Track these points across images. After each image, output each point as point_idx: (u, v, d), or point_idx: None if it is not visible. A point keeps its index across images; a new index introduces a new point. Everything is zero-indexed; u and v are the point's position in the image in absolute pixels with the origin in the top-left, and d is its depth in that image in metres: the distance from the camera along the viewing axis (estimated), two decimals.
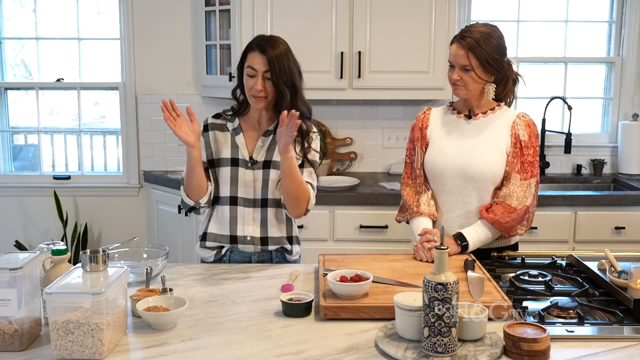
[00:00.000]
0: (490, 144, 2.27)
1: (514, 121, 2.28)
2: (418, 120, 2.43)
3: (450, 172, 2.28)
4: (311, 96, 3.77)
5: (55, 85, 4.22)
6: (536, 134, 2.30)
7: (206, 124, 2.36)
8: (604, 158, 4.09)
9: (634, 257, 2.10)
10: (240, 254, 2.33)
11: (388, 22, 3.60)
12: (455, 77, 2.24)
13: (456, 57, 2.22)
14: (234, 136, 2.32)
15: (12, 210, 4.21)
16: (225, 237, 2.32)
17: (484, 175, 2.24)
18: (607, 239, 3.46)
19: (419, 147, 2.39)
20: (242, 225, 2.30)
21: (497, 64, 2.22)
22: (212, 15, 3.92)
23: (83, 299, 1.52)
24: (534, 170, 2.27)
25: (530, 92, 4.18)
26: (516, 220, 2.24)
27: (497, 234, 2.27)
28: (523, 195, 2.23)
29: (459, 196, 2.30)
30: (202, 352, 1.58)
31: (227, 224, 2.31)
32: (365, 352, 1.57)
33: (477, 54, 2.18)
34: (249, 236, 2.30)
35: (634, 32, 4.02)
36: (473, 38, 2.18)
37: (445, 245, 1.55)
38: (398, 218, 2.50)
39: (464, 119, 2.33)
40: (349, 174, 3.97)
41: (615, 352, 1.58)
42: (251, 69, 2.20)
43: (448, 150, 2.30)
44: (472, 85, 2.23)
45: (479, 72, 2.20)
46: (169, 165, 4.16)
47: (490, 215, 2.23)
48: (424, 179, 2.39)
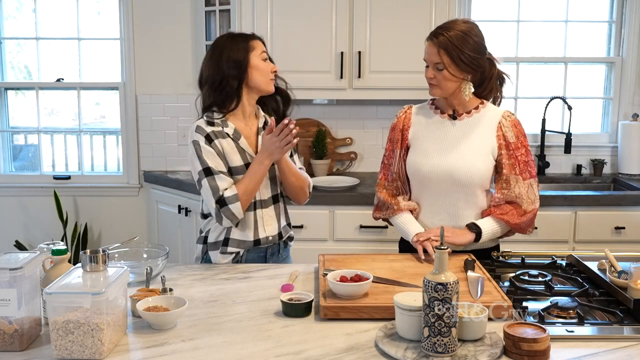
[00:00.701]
0: (477, 146, 2.24)
1: (499, 122, 2.25)
2: (399, 121, 2.36)
3: (436, 176, 2.24)
4: (311, 96, 3.83)
5: (55, 85, 4.22)
6: (524, 133, 2.27)
7: (206, 133, 2.23)
8: (604, 158, 4.09)
9: (634, 257, 2.10)
10: (257, 252, 2.34)
11: (388, 22, 3.60)
12: (429, 76, 2.21)
13: (429, 55, 2.19)
14: (237, 141, 2.27)
15: (12, 210, 4.21)
16: (249, 242, 2.30)
17: (472, 179, 2.22)
18: (607, 239, 3.46)
19: (398, 150, 2.33)
20: (263, 227, 2.31)
21: (473, 62, 2.17)
22: (212, 15, 3.92)
23: (83, 299, 1.52)
24: (532, 171, 2.25)
25: (530, 92, 4.19)
26: (526, 222, 2.25)
27: (507, 230, 2.27)
28: (534, 197, 2.23)
29: (444, 199, 2.26)
30: (202, 352, 1.58)
31: (251, 228, 2.29)
32: (365, 352, 1.57)
33: (450, 52, 2.14)
34: (270, 236, 2.33)
35: (634, 32, 4.02)
36: (446, 36, 2.15)
37: (445, 245, 1.55)
38: (376, 215, 2.44)
39: (449, 119, 2.28)
40: (349, 174, 3.97)
41: (615, 352, 1.58)
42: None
43: (433, 153, 2.25)
44: (445, 84, 2.19)
45: (452, 70, 2.16)
46: (169, 165, 4.16)
47: (499, 214, 2.22)
48: (402, 182, 2.35)
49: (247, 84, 2.27)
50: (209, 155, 2.21)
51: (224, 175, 2.20)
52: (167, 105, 4.12)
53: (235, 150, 2.25)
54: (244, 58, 2.24)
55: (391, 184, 2.37)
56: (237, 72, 2.23)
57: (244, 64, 2.24)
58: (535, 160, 4.10)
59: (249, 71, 2.25)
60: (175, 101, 4.11)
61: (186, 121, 4.09)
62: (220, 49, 2.26)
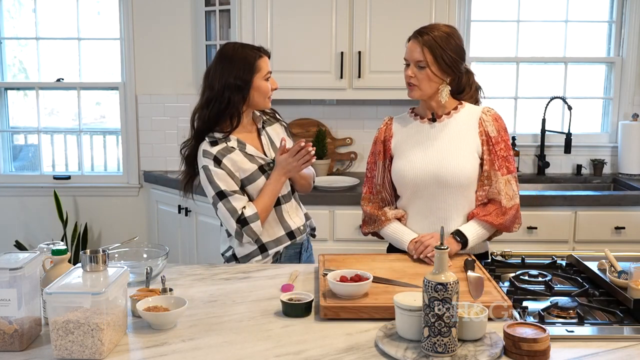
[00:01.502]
0: (460, 145, 2.21)
1: (480, 117, 2.23)
2: (380, 133, 2.35)
3: (422, 180, 2.21)
4: (311, 96, 3.83)
5: (55, 85, 4.22)
6: (504, 128, 2.25)
7: (213, 156, 2.27)
8: (604, 158, 4.09)
9: (634, 257, 2.10)
10: (293, 248, 2.41)
11: (388, 22, 3.60)
12: (409, 74, 2.18)
13: (411, 52, 2.17)
14: (244, 150, 2.32)
15: (12, 210, 4.21)
16: (284, 237, 2.37)
17: (458, 179, 2.18)
18: (607, 239, 3.46)
19: (380, 161, 2.32)
20: (291, 219, 2.39)
21: (454, 63, 2.17)
22: (212, 15, 3.92)
23: (83, 299, 1.52)
24: (510, 166, 2.22)
25: (530, 92, 4.19)
26: (510, 220, 2.22)
27: (492, 231, 2.25)
28: (512, 193, 2.21)
29: (433, 202, 2.23)
30: (202, 352, 1.58)
31: (278, 225, 2.36)
32: (365, 352, 1.57)
33: (433, 50, 2.13)
34: (300, 226, 2.41)
35: (634, 32, 4.02)
36: (431, 35, 2.15)
37: (445, 245, 1.55)
38: (364, 230, 2.42)
39: (428, 122, 2.26)
40: (349, 174, 3.97)
41: (615, 352, 1.58)
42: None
43: (416, 158, 2.23)
44: (425, 84, 2.17)
45: (434, 69, 2.15)
46: (169, 165, 4.16)
47: (482, 217, 2.20)
48: (388, 193, 2.33)
49: (247, 104, 2.32)
50: (220, 177, 2.26)
51: (238, 195, 2.27)
52: (167, 105, 4.12)
53: (245, 159, 2.31)
54: (249, 81, 2.26)
55: (376, 197, 2.35)
56: (241, 95, 2.27)
57: (247, 87, 2.27)
58: (535, 160, 4.11)
59: (251, 92, 2.29)
60: (175, 101, 4.11)
61: (186, 121, 4.02)
62: (229, 63, 2.27)
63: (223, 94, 2.26)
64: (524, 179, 3.97)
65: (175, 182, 3.87)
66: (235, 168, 2.29)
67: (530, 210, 3.41)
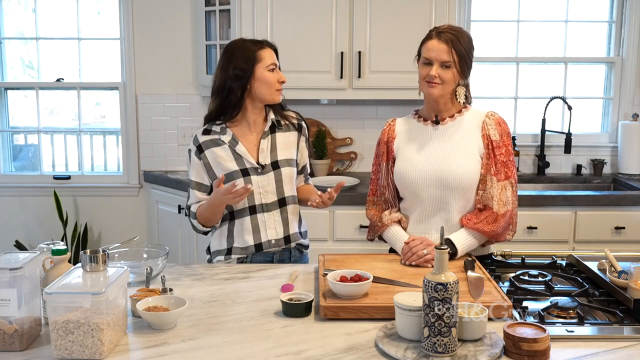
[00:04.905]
0: (462, 148, 2.20)
1: (483, 121, 2.22)
2: (383, 134, 2.34)
3: (424, 182, 2.20)
4: (311, 96, 3.83)
5: (55, 85, 4.22)
6: (507, 132, 2.23)
7: (198, 144, 2.32)
8: (604, 158, 4.09)
9: (634, 257, 2.10)
10: (263, 255, 2.37)
11: (388, 22, 3.60)
12: (434, 74, 2.15)
13: (438, 52, 2.14)
14: (233, 147, 2.31)
15: (12, 210, 4.21)
16: (251, 247, 2.34)
17: (460, 182, 2.17)
18: (607, 239, 3.46)
19: (384, 163, 2.31)
20: (265, 231, 2.34)
21: (470, 67, 2.19)
22: (212, 15, 3.92)
23: (83, 299, 1.52)
24: (509, 172, 2.19)
25: (530, 92, 4.19)
26: (501, 227, 2.17)
27: (483, 239, 2.21)
28: (506, 199, 2.17)
29: (436, 205, 2.22)
30: (202, 352, 1.58)
31: (250, 234, 2.33)
32: (365, 352, 1.57)
33: (457, 49, 2.14)
34: (273, 240, 2.35)
35: (634, 32, 4.02)
36: (457, 36, 2.15)
37: (445, 246, 1.55)
38: (369, 237, 2.42)
39: (431, 125, 2.25)
40: (349, 174, 3.97)
41: (615, 352, 1.58)
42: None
43: (418, 160, 2.22)
44: (449, 85, 2.17)
45: (458, 70, 2.16)
46: (169, 165, 4.16)
47: (473, 224, 2.17)
48: (391, 195, 2.32)
49: (251, 95, 2.30)
50: (193, 166, 2.35)
51: (197, 192, 2.36)
52: (167, 105, 4.12)
53: (231, 157, 2.30)
54: (248, 69, 2.25)
55: (379, 198, 2.35)
56: (240, 84, 2.26)
57: (247, 75, 2.26)
58: (535, 160, 4.11)
59: (253, 83, 2.27)
60: (175, 101, 4.11)
61: (186, 121, 4.09)
62: (229, 57, 2.28)
63: (225, 84, 2.27)
64: (524, 179, 3.97)
65: (175, 182, 3.88)
66: (215, 163, 2.30)
67: (530, 210, 3.42)
